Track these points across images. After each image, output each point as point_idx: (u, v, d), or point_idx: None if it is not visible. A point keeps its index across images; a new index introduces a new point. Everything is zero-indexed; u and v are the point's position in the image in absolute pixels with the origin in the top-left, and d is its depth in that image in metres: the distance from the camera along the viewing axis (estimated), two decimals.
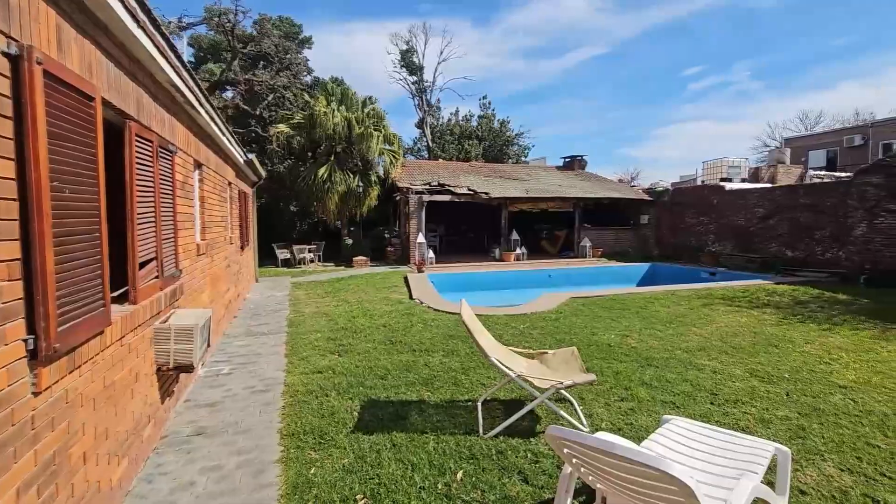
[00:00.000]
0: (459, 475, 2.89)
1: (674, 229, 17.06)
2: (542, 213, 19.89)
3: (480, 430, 3.44)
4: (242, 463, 3.08)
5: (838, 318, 6.97)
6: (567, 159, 21.72)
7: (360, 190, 15.93)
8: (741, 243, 14.31)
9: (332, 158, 15.65)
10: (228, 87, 20.29)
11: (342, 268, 14.84)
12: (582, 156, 21.39)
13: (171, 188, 3.97)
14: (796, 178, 18.17)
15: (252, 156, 8.87)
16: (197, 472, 2.98)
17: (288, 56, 20.68)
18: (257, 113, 19.52)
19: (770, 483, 2.48)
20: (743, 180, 18.23)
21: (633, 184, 26.16)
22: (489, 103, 29.70)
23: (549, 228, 19.31)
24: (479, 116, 29.51)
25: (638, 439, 2.97)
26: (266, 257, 16.03)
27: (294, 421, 3.69)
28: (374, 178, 16.37)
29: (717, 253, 14.60)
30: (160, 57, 3.24)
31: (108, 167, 2.68)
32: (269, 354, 5.53)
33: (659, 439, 2.50)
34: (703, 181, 20.50)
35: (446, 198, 15.31)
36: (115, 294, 2.96)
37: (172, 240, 4.01)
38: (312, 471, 2.95)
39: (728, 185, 15.70)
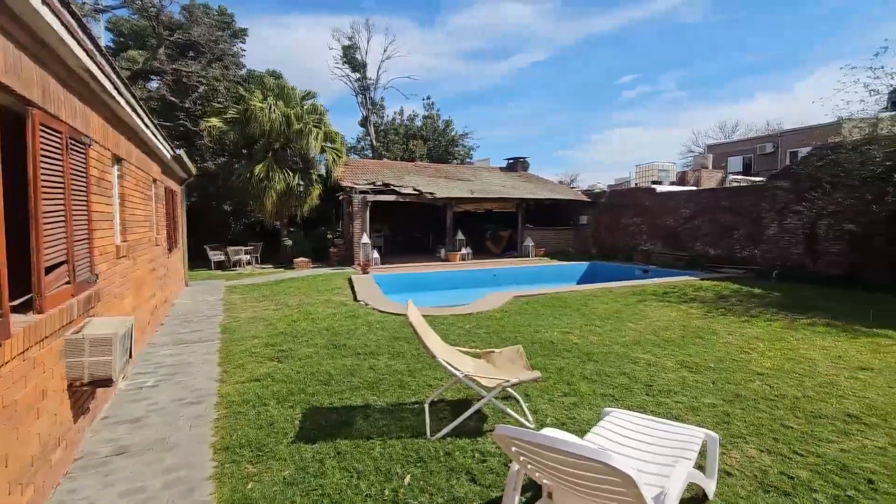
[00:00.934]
0: (407, 479, 2.84)
1: (610, 229, 17.94)
2: (487, 214, 20.23)
3: (428, 433, 3.40)
4: (171, 482, 2.84)
5: (755, 311, 7.61)
6: (510, 161, 22.21)
7: (301, 189, 15.37)
8: (670, 242, 15.30)
9: (270, 155, 14.99)
10: (153, 77, 18.86)
11: (282, 270, 14.25)
12: (524, 158, 21.96)
13: (84, 184, 3.60)
14: (717, 181, 19.71)
15: (181, 151, 8.28)
16: (117, 495, 2.70)
17: (220, 46, 19.55)
18: (186, 106, 18.29)
19: (701, 467, 2.63)
20: (672, 183, 19.53)
21: (572, 185, 27.26)
22: (433, 103, 29.78)
23: (493, 229, 19.65)
24: (424, 116, 29.51)
25: (581, 433, 3.06)
26: (198, 260, 15.07)
27: (229, 434, 3.46)
28: (315, 176, 15.86)
29: (649, 251, 15.51)
30: (69, 38, 2.91)
31: (7, 160, 2.37)
32: (201, 363, 5.17)
33: (600, 432, 2.58)
34: (635, 184, 21.74)
35: (391, 198, 15.14)
36: (17, 302, 2.63)
37: (87, 241, 3.63)
38: (250, 486, 2.77)
39: (658, 188, 16.74)
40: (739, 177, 21.43)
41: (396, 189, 15.20)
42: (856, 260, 10.13)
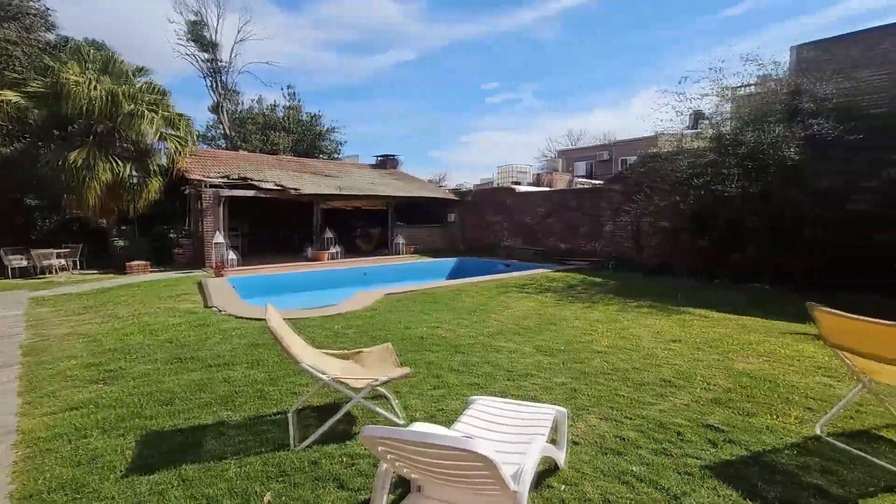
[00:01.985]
0: (267, 497, 2.59)
1: (476, 226, 18.99)
2: (357, 211, 19.83)
3: (292, 443, 3.16)
4: None
5: (596, 298, 8.70)
6: (380, 158, 22.10)
7: (135, 181, 13.23)
8: (529, 238, 16.76)
9: (92, 140, 12.60)
10: None
11: (111, 275, 12.08)
12: (394, 155, 22.05)
13: None
14: (567, 183, 22.18)
15: None
16: None
17: (16, 2, 15.80)
18: None
19: (554, 441, 2.88)
20: (529, 184, 21.41)
21: (441, 185, 28.20)
22: (296, 94, 28.17)
23: (363, 226, 19.35)
24: (287, 107, 27.75)
25: (450, 423, 3.13)
26: None
27: (34, 477, 2.80)
28: (154, 167, 13.76)
29: (510, 247, 16.78)
30: None
31: None
32: None
33: (466, 420, 2.67)
34: (498, 184, 23.34)
35: (250, 193, 13.91)
36: None
37: None
38: None
39: (517, 188, 18.22)
40: (584, 180, 24.43)
41: (256, 184, 14.01)
42: (669, 252, 12.24)
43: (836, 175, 8.47)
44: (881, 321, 2.80)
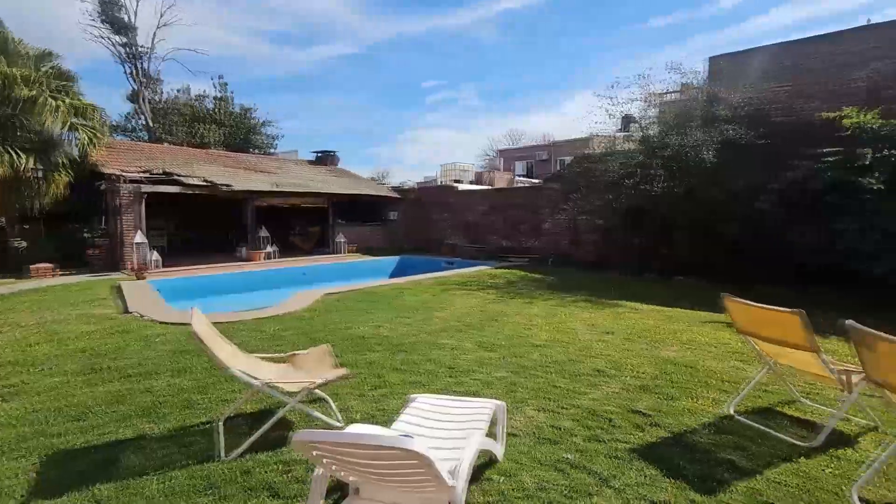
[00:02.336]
0: None
1: (419, 224, 18.96)
2: (295, 209, 19.12)
3: (222, 454, 2.98)
4: None
5: (536, 293, 8.97)
6: (319, 154, 21.46)
7: (39, 175, 11.92)
8: (471, 236, 16.98)
9: None
10: None
11: (11, 280, 10.80)
12: (334, 152, 21.49)
13: None
14: (507, 182, 22.71)
15: None
16: None
17: None
18: None
19: (494, 434, 2.93)
20: (471, 182, 21.69)
21: (382, 182, 27.88)
22: (227, 84, 26.65)
23: (302, 225, 18.71)
24: (217, 98, 26.19)
25: (390, 423, 3.09)
26: None
27: None
28: (62, 159, 12.45)
29: (453, 244, 16.91)
30: None
31: None
32: None
33: (405, 419, 2.65)
34: (441, 182, 23.45)
35: (174, 189, 12.98)
36: None
37: None
38: None
39: (460, 186, 18.42)
40: (524, 179, 25.13)
41: (182, 179, 13.10)
42: (604, 248, 12.89)
43: (748, 176, 9.30)
44: (780, 308, 3.11)
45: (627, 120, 12.39)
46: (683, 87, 11.69)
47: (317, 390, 3.36)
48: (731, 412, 3.59)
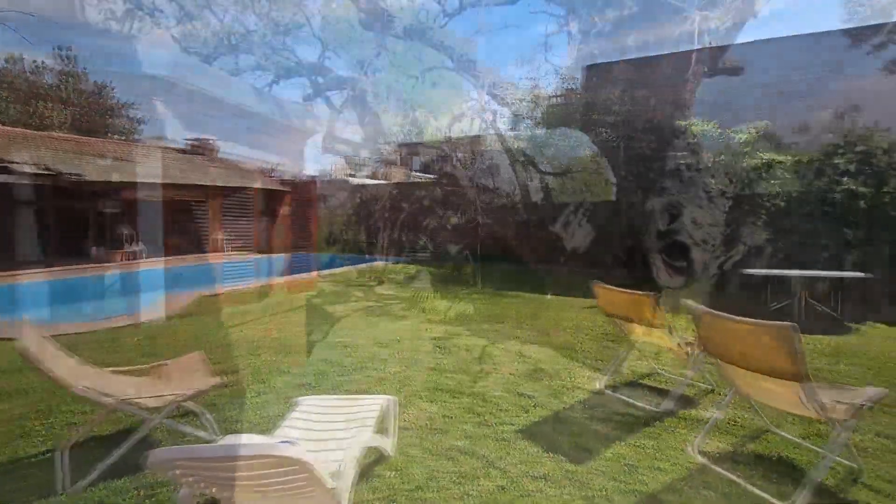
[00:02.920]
0: None
1: (313, 219, 18.11)
2: (166, 204, 17.04)
3: (61, 486, 2.55)
4: None
5: (432, 287, 9.11)
6: (193, 141, 19.30)
7: None
8: (368, 231, 16.67)
9: None
10: None
11: None
12: (211, 139, 19.52)
13: None
14: (404, 177, 22.67)
15: None
16: None
17: None
18: None
19: (386, 430, 2.89)
20: (366, 177, 21.27)
21: (272, 175, 26.09)
22: (75, 57, 22.79)
23: (175, 220, 16.75)
24: (62, 73, 22.33)
25: (274, 430, 2.89)
26: None
27: None
28: None
29: (349, 240, 16.44)
30: None
31: None
32: None
33: (287, 423, 2.50)
34: (336, 176, 22.66)
35: (3, 178, 10.80)
36: None
37: None
38: None
39: (354, 181, 17.96)
40: (421, 174, 25.24)
41: (8, 166, 10.91)
42: (501, 242, 13.48)
43: (621, 177, 10.39)
44: (627, 290, 3.57)
45: (517, 120, 13.13)
46: (567, 92, 12.68)
47: (189, 403, 3.03)
48: (602, 387, 3.99)
